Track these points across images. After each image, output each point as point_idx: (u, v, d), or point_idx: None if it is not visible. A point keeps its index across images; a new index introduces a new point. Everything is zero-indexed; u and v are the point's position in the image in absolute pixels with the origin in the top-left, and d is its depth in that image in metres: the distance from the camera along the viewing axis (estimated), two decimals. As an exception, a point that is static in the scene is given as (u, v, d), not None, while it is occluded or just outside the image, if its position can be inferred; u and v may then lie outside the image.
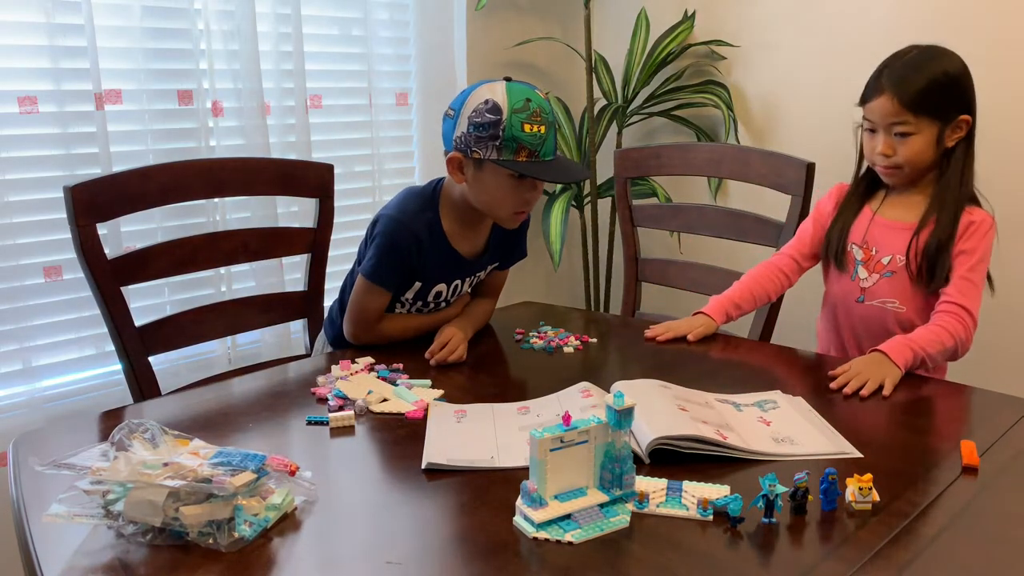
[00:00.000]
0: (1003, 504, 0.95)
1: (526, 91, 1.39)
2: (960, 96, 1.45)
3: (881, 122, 1.46)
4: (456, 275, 1.54)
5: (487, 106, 1.37)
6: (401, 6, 2.39)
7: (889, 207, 1.55)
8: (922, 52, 1.46)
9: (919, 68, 1.43)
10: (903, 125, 1.44)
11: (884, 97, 1.44)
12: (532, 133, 1.37)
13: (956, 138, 1.46)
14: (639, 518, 0.91)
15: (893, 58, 1.48)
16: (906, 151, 1.45)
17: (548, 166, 1.40)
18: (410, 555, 0.86)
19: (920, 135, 1.44)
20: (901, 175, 1.50)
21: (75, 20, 1.77)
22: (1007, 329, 2.11)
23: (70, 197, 1.43)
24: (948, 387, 1.30)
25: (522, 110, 1.37)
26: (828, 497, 0.92)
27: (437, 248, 1.49)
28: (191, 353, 1.89)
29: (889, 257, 1.51)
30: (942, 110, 1.43)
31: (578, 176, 1.65)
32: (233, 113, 2.03)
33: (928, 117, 1.43)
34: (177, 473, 0.87)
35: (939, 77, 1.43)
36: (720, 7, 2.53)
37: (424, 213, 1.48)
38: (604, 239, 2.74)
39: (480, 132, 1.37)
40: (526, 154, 1.38)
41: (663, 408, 1.11)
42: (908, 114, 1.42)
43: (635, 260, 2.01)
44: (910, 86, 1.42)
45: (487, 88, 1.39)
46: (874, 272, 1.53)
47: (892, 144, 1.46)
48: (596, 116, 2.61)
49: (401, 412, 1.20)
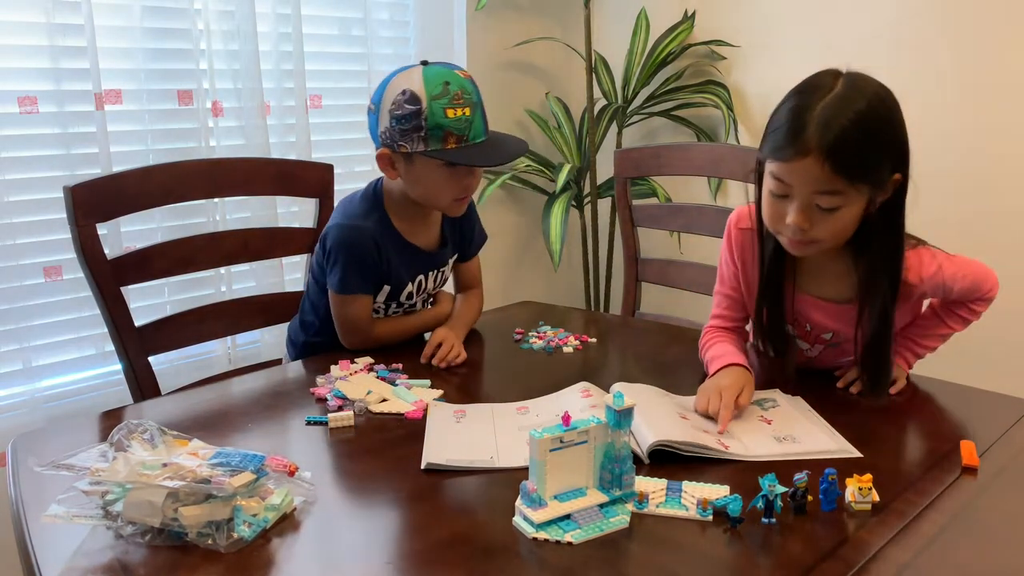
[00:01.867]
0: (1003, 504, 0.95)
1: (444, 73, 1.34)
2: (898, 146, 1.13)
3: (802, 189, 1.11)
4: (419, 270, 1.51)
5: (405, 97, 1.33)
6: (401, 6, 2.39)
7: (809, 281, 1.27)
8: (850, 87, 1.11)
9: (852, 115, 1.07)
10: (832, 197, 1.10)
11: (811, 159, 1.07)
12: (456, 118, 1.33)
13: (881, 201, 1.15)
14: (639, 518, 0.91)
15: (811, 95, 1.11)
16: (829, 227, 1.13)
17: (480, 149, 1.36)
18: (410, 555, 0.86)
19: (849, 208, 1.12)
20: (814, 249, 1.18)
21: (75, 20, 1.77)
22: (1007, 329, 2.11)
23: (70, 197, 1.43)
24: (948, 387, 1.30)
25: (441, 95, 1.32)
26: (828, 497, 0.92)
27: (395, 245, 1.46)
28: (191, 353, 1.89)
29: (830, 333, 1.30)
30: (876, 172, 1.11)
31: (513, 153, 1.44)
32: (233, 113, 2.03)
33: (862, 184, 1.10)
34: (176, 474, 0.87)
35: (874, 126, 1.09)
36: (720, 7, 2.53)
37: (372, 214, 1.46)
38: (604, 239, 2.74)
39: (403, 125, 1.34)
40: (454, 140, 1.34)
41: (664, 416, 1.10)
42: (841, 182, 1.08)
43: (635, 260, 2.01)
44: (846, 144, 1.06)
45: (403, 77, 1.35)
46: (816, 343, 1.33)
47: (811, 217, 1.12)
48: (596, 116, 2.61)
49: (400, 412, 1.20)
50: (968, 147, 2.12)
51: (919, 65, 2.16)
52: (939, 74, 2.14)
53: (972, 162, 2.12)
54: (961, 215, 2.15)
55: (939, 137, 2.16)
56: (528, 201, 2.87)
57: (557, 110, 2.77)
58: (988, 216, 2.11)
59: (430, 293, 1.58)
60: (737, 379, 1.19)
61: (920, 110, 2.18)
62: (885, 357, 1.22)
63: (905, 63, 2.18)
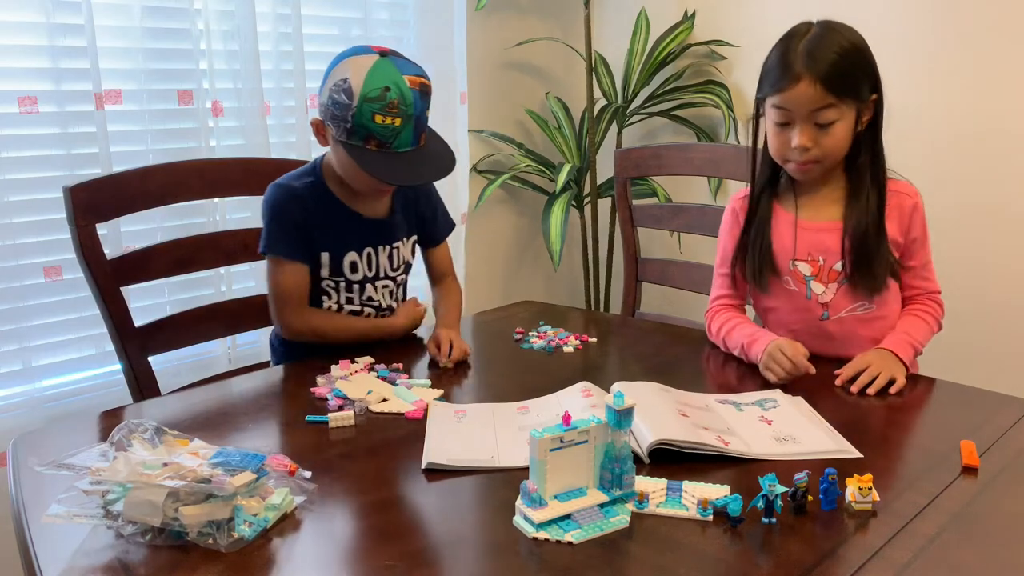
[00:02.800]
0: (1003, 504, 0.95)
1: (390, 76, 1.31)
2: (872, 71, 1.32)
3: (801, 111, 1.30)
4: (365, 241, 1.48)
5: (343, 86, 1.32)
6: (401, 6, 2.39)
7: (807, 209, 1.40)
8: (824, 28, 1.32)
9: (832, 45, 1.29)
10: (827, 111, 1.28)
11: (804, 83, 1.27)
12: (384, 125, 1.31)
13: (866, 120, 1.33)
14: (639, 518, 0.91)
15: (793, 38, 1.32)
16: (829, 142, 1.31)
17: (396, 161, 1.34)
18: (410, 555, 0.86)
19: (843, 121, 1.30)
20: (818, 169, 1.35)
21: (75, 20, 1.77)
22: (1007, 329, 2.11)
23: (69, 197, 1.43)
24: (948, 387, 1.30)
25: (376, 100, 1.30)
26: (828, 497, 0.92)
27: (328, 208, 1.45)
28: (191, 353, 1.89)
29: (840, 263, 1.37)
30: (859, 89, 1.30)
31: (427, 176, 1.41)
32: (233, 113, 2.03)
33: (849, 99, 1.29)
34: (176, 473, 0.87)
35: (853, 52, 1.30)
36: (720, 7, 2.53)
37: (304, 177, 1.46)
38: (604, 239, 2.74)
39: (334, 110, 1.34)
40: (375, 144, 1.33)
41: (664, 413, 1.11)
42: (832, 97, 1.27)
43: (635, 260, 2.01)
44: (832, 67, 1.27)
45: (354, 63, 1.33)
46: (831, 282, 1.38)
47: (813, 135, 1.30)
48: (596, 116, 2.61)
49: (401, 412, 1.20)
50: (968, 147, 2.12)
51: (919, 65, 2.16)
52: (940, 74, 2.14)
53: (972, 162, 2.12)
54: (962, 215, 2.15)
55: (939, 136, 2.16)
56: (528, 201, 2.87)
57: (557, 110, 2.77)
58: (989, 216, 2.11)
59: (389, 276, 1.53)
60: (793, 344, 1.31)
61: (920, 109, 2.19)
62: (876, 252, 1.35)
63: (905, 62, 2.18)
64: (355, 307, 1.52)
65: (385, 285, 1.54)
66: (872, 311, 1.40)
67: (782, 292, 1.42)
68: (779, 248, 1.41)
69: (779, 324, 1.44)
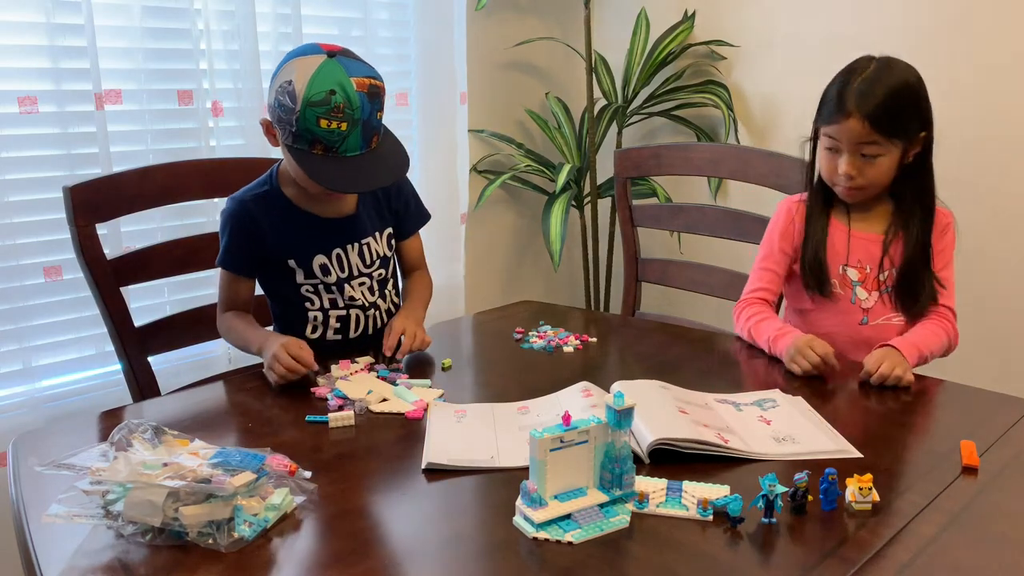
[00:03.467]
0: (1003, 504, 0.95)
1: (335, 79, 1.27)
2: (922, 111, 1.42)
3: (848, 144, 1.40)
4: (331, 242, 1.46)
5: (288, 87, 1.28)
6: (401, 6, 2.39)
7: (859, 220, 1.50)
8: (882, 67, 1.41)
9: (886, 86, 1.38)
10: (872, 147, 1.39)
11: (853, 120, 1.38)
12: (329, 129, 1.28)
13: (914, 153, 1.43)
14: (639, 518, 0.91)
15: (852, 73, 1.42)
16: (873, 173, 1.41)
17: (343, 166, 1.31)
18: (410, 555, 0.86)
19: (887, 156, 1.40)
20: (863, 195, 1.46)
21: (75, 20, 1.77)
22: (1007, 329, 2.11)
23: (69, 197, 1.44)
24: (948, 387, 1.30)
25: (320, 103, 1.26)
26: (828, 497, 0.92)
27: (284, 215, 1.44)
28: (191, 353, 1.89)
29: (885, 273, 1.48)
30: (907, 129, 1.40)
31: (373, 182, 1.37)
32: (233, 113, 2.03)
33: (896, 138, 1.39)
34: (177, 473, 0.87)
35: (904, 94, 1.39)
36: (720, 7, 2.53)
37: (258, 188, 1.46)
38: (604, 239, 2.74)
39: (280, 112, 1.30)
40: (321, 148, 1.30)
41: (663, 411, 1.11)
42: (878, 136, 1.38)
43: (635, 260, 2.01)
44: (880, 108, 1.37)
45: (298, 64, 1.29)
46: (874, 290, 1.48)
47: (858, 165, 1.41)
48: (596, 116, 2.61)
49: (401, 412, 1.20)
50: (968, 147, 2.12)
51: (920, 64, 2.16)
52: (940, 73, 2.14)
53: (973, 162, 2.12)
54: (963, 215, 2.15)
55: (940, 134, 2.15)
56: (528, 201, 2.87)
57: (557, 110, 2.77)
58: (989, 217, 2.11)
59: (364, 274, 1.50)
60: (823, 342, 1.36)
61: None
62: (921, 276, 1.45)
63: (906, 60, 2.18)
64: (340, 309, 1.49)
65: (362, 283, 1.51)
66: (902, 325, 1.48)
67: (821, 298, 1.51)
68: (831, 254, 1.49)
69: (817, 326, 1.50)
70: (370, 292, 1.52)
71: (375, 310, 1.54)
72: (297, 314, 1.49)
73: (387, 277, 1.57)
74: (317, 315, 1.49)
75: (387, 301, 1.57)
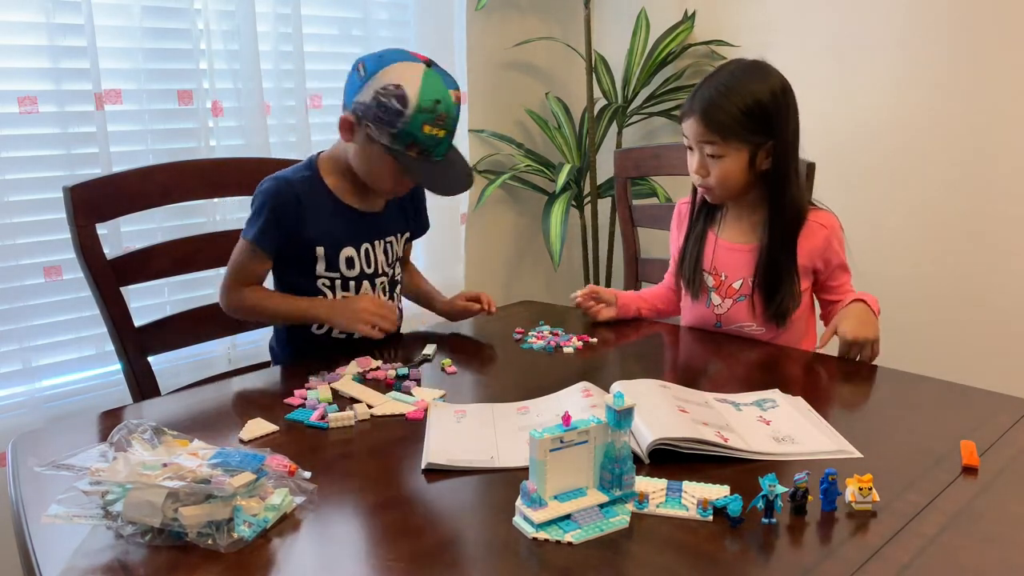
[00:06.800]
0: (1003, 504, 0.95)
1: (440, 90, 1.35)
2: (767, 123, 1.43)
3: (693, 142, 1.46)
4: (362, 236, 1.50)
5: (396, 91, 1.33)
6: (401, 6, 2.39)
7: (728, 229, 1.56)
8: (735, 74, 1.44)
9: (728, 93, 1.41)
10: (712, 146, 1.43)
11: (694, 119, 1.43)
12: (430, 135, 1.35)
13: (765, 163, 1.45)
14: (639, 518, 0.91)
15: (710, 76, 1.47)
16: (717, 172, 1.45)
17: (435, 168, 1.39)
18: (410, 555, 0.86)
19: (729, 158, 1.43)
20: (714, 195, 1.50)
21: (75, 20, 1.77)
22: (1007, 329, 2.11)
23: (69, 197, 1.43)
24: (948, 387, 1.30)
25: (429, 111, 1.33)
26: (828, 497, 0.92)
27: (322, 203, 1.46)
28: (191, 353, 1.89)
29: (740, 281, 1.53)
30: (748, 137, 1.42)
31: (461, 188, 1.46)
32: (233, 113, 2.03)
33: (736, 141, 1.42)
34: (176, 474, 0.87)
35: (747, 104, 1.41)
36: (720, 7, 2.53)
37: (301, 172, 1.48)
38: (604, 239, 2.74)
39: (381, 113, 1.34)
40: (417, 151, 1.36)
41: (663, 410, 1.11)
42: (715, 136, 1.42)
43: (635, 260, 2.01)
44: (716, 112, 1.41)
45: (405, 68, 1.35)
46: (727, 297, 1.54)
47: (705, 164, 1.46)
48: (596, 116, 2.61)
49: (402, 413, 1.20)
50: (969, 147, 2.12)
51: (920, 63, 2.16)
52: (940, 73, 2.14)
53: (973, 162, 2.12)
54: (962, 215, 2.15)
55: (939, 136, 2.16)
56: (528, 201, 2.87)
57: (557, 110, 2.77)
58: (988, 217, 2.11)
59: (385, 272, 1.54)
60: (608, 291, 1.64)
61: (920, 109, 2.19)
62: (780, 282, 1.49)
63: (906, 61, 2.18)
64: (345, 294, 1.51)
65: (381, 281, 1.54)
66: (760, 335, 1.54)
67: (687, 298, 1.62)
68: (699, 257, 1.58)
69: (686, 315, 1.65)
70: (384, 292, 1.55)
71: None
72: None
73: (397, 280, 1.60)
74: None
75: (395, 303, 1.58)
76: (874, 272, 1.88)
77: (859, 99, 2.26)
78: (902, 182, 2.23)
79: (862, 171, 2.28)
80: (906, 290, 2.22)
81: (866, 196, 2.27)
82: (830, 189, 1.74)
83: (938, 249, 2.20)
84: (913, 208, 2.22)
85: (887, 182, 2.26)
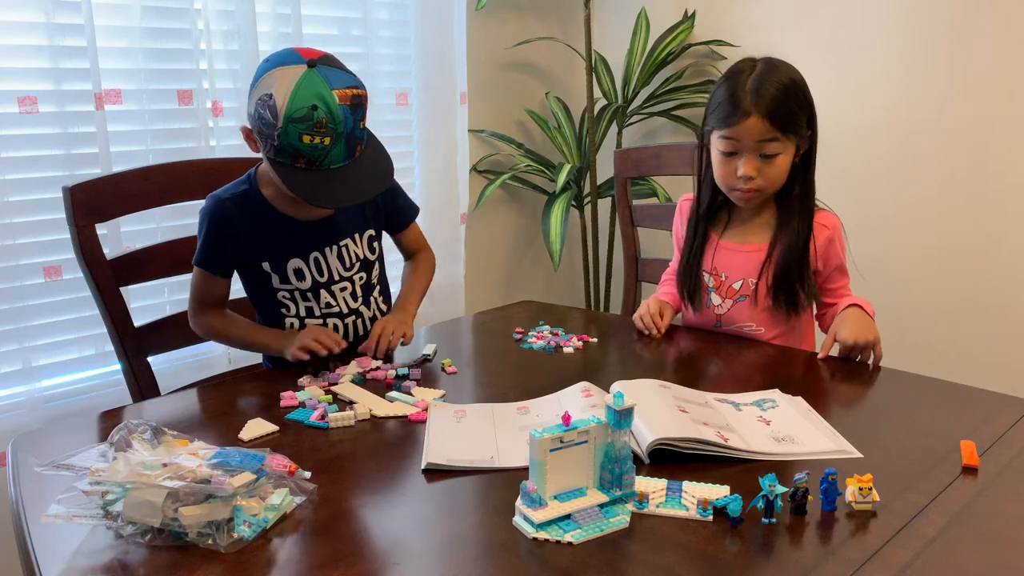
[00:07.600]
0: (1003, 504, 0.95)
1: (317, 93, 1.24)
2: (809, 106, 1.44)
3: (748, 143, 1.41)
4: (309, 246, 1.43)
5: (268, 101, 1.24)
6: (401, 6, 2.39)
7: (733, 231, 1.56)
8: (769, 66, 1.43)
9: (778, 83, 1.40)
10: (772, 144, 1.41)
11: (753, 118, 1.39)
12: (312, 144, 1.25)
13: (801, 153, 1.46)
14: (639, 518, 0.91)
15: (740, 75, 1.43)
16: (772, 171, 1.43)
17: (330, 178, 1.28)
18: (410, 555, 0.86)
19: (785, 154, 1.43)
20: (759, 197, 1.48)
21: (75, 20, 1.77)
22: (1007, 329, 2.11)
23: (69, 197, 1.44)
24: (948, 387, 1.30)
25: (303, 120, 1.23)
26: (828, 497, 0.92)
27: (261, 216, 1.41)
28: (191, 353, 1.89)
29: (740, 282, 1.53)
30: (799, 124, 1.42)
31: (360, 196, 1.34)
32: (233, 113, 2.03)
33: (791, 133, 1.41)
34: (176, 474, 0.87)
35: (793, 90, 1.41)
36: (720, 7, 2.53)
37: (237, 187, 1.43)
38: (604, 239, 2.74)
39: (260, 125, 1.27)
40: (305, 162, 1.27)
41: (663, 410, 1.11)
42: (777, 132, 1.39)
43: (635, 260, 2.01)
44: (776, 104, 1.38)
45: (280, 75, 1.25)
46: (727, 298, 1.55)
47: (758, 165, 1.42)
48: (596, 116, 2.61)
49: (404, 415, 1.20)
50: (969, 146, 2.12)
51: (920, 63, 2.16)
52: (939, 73, 2.14)
53: (973, 162, 2.12)
54: (961, 215, 2.15)
55: (939, 135, 2.16)
56: (528, 201, 2.87)
57: (557, 110, 2.77)
58: (988, 217, 2.11)
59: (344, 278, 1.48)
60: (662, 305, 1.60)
61: (920, 109, 2.19)
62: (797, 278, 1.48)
63: (906, 61, 2.18)
64: (316, 318, 1.47)
65: (343, 288, 1.48)
66: (761, 334, 1.54)
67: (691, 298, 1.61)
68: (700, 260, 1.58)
69: (686, 315, 1.65)
70: (352, 298, 1.50)
71: (356, 317, 1.51)
72: (275, 321, 1.48)
73: (372, 283, 1.54)
74: (294, 322, 1.47)
75: (372, 308, 1.54)
76: (873, 272, 1.88)
77: (858, 99, 2.26)
78: (902, 182, 2.23)
79: (861, 171, 2.28)
80: (905, 290, 2.22)
81: (866, 196, 2.27)
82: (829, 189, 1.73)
83: (938, 249, 2.20)
84: (913, 208, 2.23)
85: (887, 182, 2.26)
